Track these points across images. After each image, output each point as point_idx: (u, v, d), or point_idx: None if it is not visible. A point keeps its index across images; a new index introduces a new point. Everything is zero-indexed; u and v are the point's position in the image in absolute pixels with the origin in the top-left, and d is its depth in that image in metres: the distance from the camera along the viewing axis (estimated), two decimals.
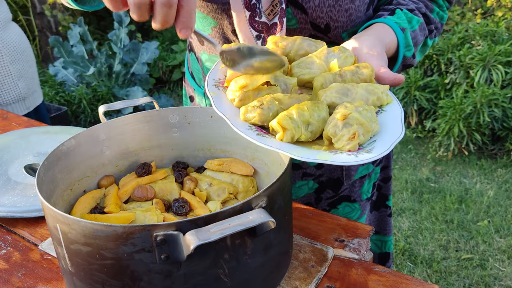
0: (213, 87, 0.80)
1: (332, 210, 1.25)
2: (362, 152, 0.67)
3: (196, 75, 1.22)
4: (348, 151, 0.68)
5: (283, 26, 0.94)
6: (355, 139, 0.67)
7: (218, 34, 1.04)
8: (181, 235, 0.60)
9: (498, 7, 4.05)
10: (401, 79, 0.80)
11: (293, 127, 0.70)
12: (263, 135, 0.72)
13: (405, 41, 0.94)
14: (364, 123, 0.69)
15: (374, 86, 0.78)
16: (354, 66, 0.81)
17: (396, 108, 0.77)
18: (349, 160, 0.65)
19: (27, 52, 2.05)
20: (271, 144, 0.68)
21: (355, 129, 0.68)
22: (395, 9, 0.97)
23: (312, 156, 0.66)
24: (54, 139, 1.28)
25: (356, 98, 0.75)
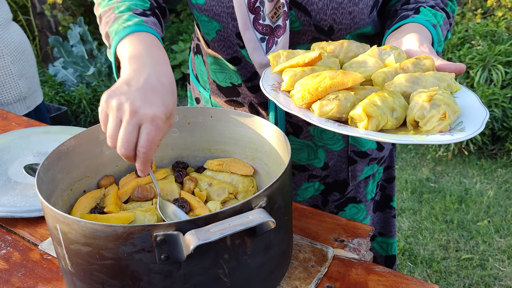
0: (272, 91, 0.79)
1: (340, 213, 1.25)
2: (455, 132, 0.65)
3: (201, 78, 1.22)
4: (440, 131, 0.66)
5: (286, 28, 0.94)
6: (446, 119, 0.66)
7: (223, 37, 1.04)
8: (181, 235, 0.60)
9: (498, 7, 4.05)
10: (463, 67, 0.80)
11: (379, 113, 0.68)
12: (344, 126, 0.70)
13: (438, 37, 0.94)
14: (451, 103, 0.67)
15: (442, 73, 0.76)
16: (414, 59, 0.79)
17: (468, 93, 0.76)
18: (445, 139, 0.63)
19: (28, 52, 2.05)
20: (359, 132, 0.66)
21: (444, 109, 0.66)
22: (418, 7, 0.97)
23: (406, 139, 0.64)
24: (54, 139, 1.28)
25: (427, 86, 0.73)
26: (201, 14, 1.02)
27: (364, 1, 0.95)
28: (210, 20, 1.02)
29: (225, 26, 1.01)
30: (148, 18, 0.89)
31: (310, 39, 1.00)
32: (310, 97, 0.73)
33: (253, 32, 0.97)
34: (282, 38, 0.96)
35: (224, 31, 1.02)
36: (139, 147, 0.70)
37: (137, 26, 0.84)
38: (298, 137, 1.11)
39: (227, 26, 1.01)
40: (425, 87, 0.74)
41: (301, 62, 0.81)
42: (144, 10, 0.91)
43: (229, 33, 1.02)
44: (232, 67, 1.08)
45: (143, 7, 0.92)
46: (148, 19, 0.88)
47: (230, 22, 0.99)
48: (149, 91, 0.72)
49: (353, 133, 0.66)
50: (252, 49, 0.99)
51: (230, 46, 1.05)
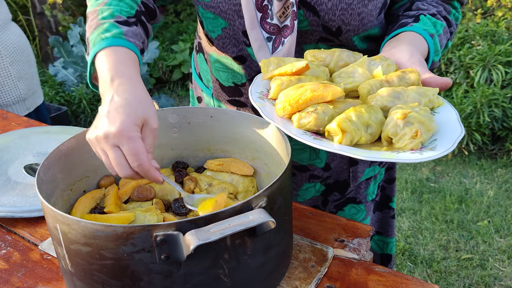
0: (258, 99, 0.81)
1: (339, 212, 1.25)
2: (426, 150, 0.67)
3: (204, 76, 1.22)
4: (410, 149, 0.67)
5: (294, 29, 0.94)
6: (418, 137, 0.67)
7: (228, 35, 1.04)
8: (181, 235, 0.60)
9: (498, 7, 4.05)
10: (449, 82, 0.80)
11: (353, 129, 0.69)
12: (320, 139, 0.71)
13: (434, 47, 0.94)
14: (425, 121, 0.69)
15: (425, 88, 0.77)
16: (400, 72, 0.81)
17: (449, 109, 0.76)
18: (414, 158, 0.65)
19: (27, 52, 2.04)
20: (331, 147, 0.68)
21: (416, 127, 0.67)
22: (418, 15, 0.96)
23: (375, 155, 0.66)
24: (54, 139, 1.28)
25: (408, 101, 0.75)
26: (206, 11, 1.02)
27: (373, 3, 0.95)
28: (216, 17, 1.01)
29: (231, 24, 1.01)
30: (129, 28, 0.90)
31: (317, 39, 1.00)
32: (290, 109, 0.75)
33: (260, 31, 0.97)
34: (289, 38, 0.95)
35: (230, 28, 1.02)
36: (131, 164, 0.74)
37: (114, 39, 0.86)
38: None
39: (233, 24, 1.00)
40: (406, 102, 0.75)
41: (288, 71, 0.82)
42: (127, 18, 0.91)
43: (235, 31, 1.02)
44: (236, 66, 1.08)
45: (127, 14, 0.92)
46: (129, 30, 0.89)
47: (236, 19, 0.99)
48: (113, 112, 0.75)
49: (326, 147, 0.68)
50: (257, 48, 0.99)
51: (236, 44, 1.04)
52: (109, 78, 0.80)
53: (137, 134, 0.74)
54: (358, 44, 1.02)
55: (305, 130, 0.74)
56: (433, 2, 1.02)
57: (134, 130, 0.74)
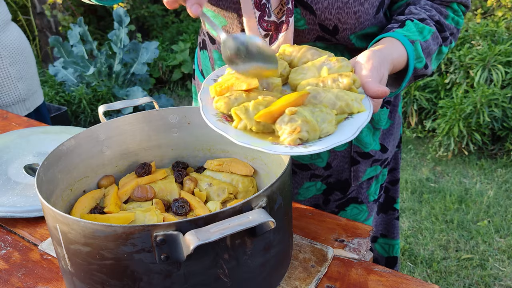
0: (211, 81, 0.86)
1: (341, 213, 1.25)
2: (298, 147, 0.69)
3: (207, 73, 1.23)
4: (288, 144, 0.70)
5: (289, 25, 0.94)
6: (295, 133, 0.70)
7: (228, 33, 1.04)
8: (181, 235, 0.60)
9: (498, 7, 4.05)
10: (385, 92, 0.79)
11: (246, 117, 0.74)
12: (223, 121, 0.76)
13: (415, 53, 0.93)
14: (311, 121, 0.71)
15: (345, 93, 0.78)
16: (337, 74, 0.82)
17: (363, 116, 0.77)
18: (280, 151, 0.68)
19: (27, 52, 2.04)
20: (221, 128, 0.73)
21: (298, 124, 0.70)
22: (405, 20, 0.96)
23: (248, 142, 0.70)
24: (54, 139, 1.28)
25: (323, 101, 0.77)
26: (207, 10, 1.03)
27: (370, 1, 0.94)
28: (216, 16, 1.02)
29: (231, 22, 1.01)
30: None
31: (315, 38, 1.00)
32: (214, 92, 0.81)
33: (258, 29, 0.97)
34: (283, 35, 0.96)
35: (230, 26, 1.02)
36: None
37: None
38: None
39: (232, 22, 1.01)
40: (321, 102, 0.77)
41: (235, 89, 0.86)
42: None
43: (234, 29, 1.02)
44: None
45: None
46: None
47: (236, 18, 1.00)
48: None
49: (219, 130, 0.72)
50: None
51: None
52: None
53: None
54: (356, 42, 1.02)
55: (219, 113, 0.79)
56: (426, 5, 1.00)
57: None
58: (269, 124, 0.75)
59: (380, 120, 1.17)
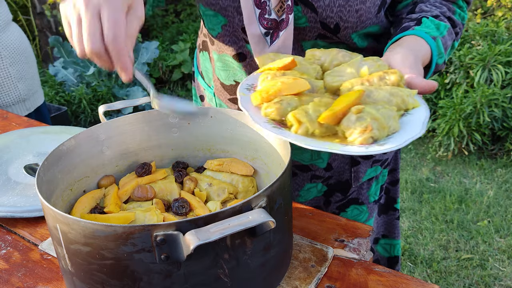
0: (244, 90, 0.83)
1: (341, 214, 1.25)
2: (373, 145, 0.67)
3: (206, 75, 1.22)
4: (360, 143, 0.68)
5: (289, 23, 0.94)
6: (367, 132, 0.68)
7: (228, 32, 1.04)
8: (181, 235, 0.60)
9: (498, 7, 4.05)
10: (433, 86, 0.79)
11: (307, 120, 0.71)
12: (279, 128, 0.73)
13: (438, 49, 0.93)
14: (379, 118, 0.69)
15: (399, 89, 0.77)
16: (382, 72, 0.81)
17: (421, 111, 0.77)
18: (358, 151, 0.66)
19: (27, 53, 2.04)
20: (284, 135, 0.70)
21: (368, 122, 0.68)
22: (421, 18, 0.96)
23: (321, 146, 0.67)
24: (54, 139, 1.28)
25: (378, 99, 0.75)
26: (206, 9, 1.02)
27: (371, 0, 0.94)
28: (216, 14, 1.02)
29: (231, 21, 1.01)
30: None
31: (316, 36, 1.00)
32: (261, 99, 0.77)
33: (258, 26, 0.97)
34: (283, 32, 0.95)
35: (229, 25, 1.02)
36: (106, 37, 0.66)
37: None
38: None
39: (232, 21, 1.01)
40: (376, 100, 0.76)
41: (276, 66, 0.84)
42: None
43: (235, 28, 1.02)
44: (237, 64, 1.08)
45: None
46: None
47: (236, 16, 0.99)
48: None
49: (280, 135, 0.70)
50: (255, 44, 0.99)
51: (236, 42, 1.05)
52: None
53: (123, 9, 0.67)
54: (358, 42, 1.02)
55: (271, 119, 0.76)
56: (436, 2, 1.01)
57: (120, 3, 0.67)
58: (332, 126, 0.72)
59: None
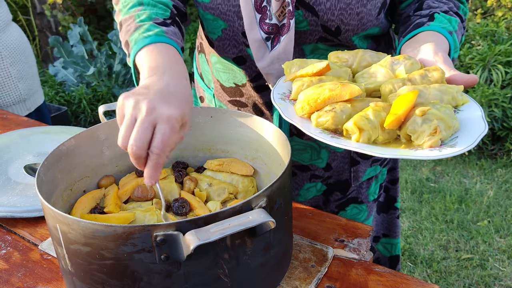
0: (279, 100, 0.81)
1: (341, 213, 1.24)
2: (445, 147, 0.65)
3: (206, 77, 1.22)
4: (429, 147, 0.66)
5: (290, 27, 0.94)
6: (437, 134, 0.66)
7: (228, 36, 1.04)
8: (181, 235, 0.60)
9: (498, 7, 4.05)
10: (475, 80, 0.78)
11: (369, 127, 0.69)
12: (337, 137, 0.71)
13: (454, 43, 0.93)
14: (444, 118, 0.67)
15: (447, 86, 0.76)
16: (423, 70, 0.79)
17: (474, 107, 0.75)
18: (432, 155, 0.63)
19: (27, 52, 2.04)
20: (349, 145, 0.67)
21: (435, 124, 0.66)
22: (432, 13, 0.95)
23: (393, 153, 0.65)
24: (54, 139, 1.28)
25: (429, 98, 0.74)
26: (206, 13, 1.02)
27: (372, 2, 0.94)
28: (216, 19, 1.02)
29: (231, 25, 1.01)
30: (168, 28, 0.89)
31: (317, 39, 1.00)
32: (309, 108, 0.75)
33: (259, 31, 0.97)
34: (285, 37, 0.95)
35: (229, 30, 1.02)
36: (152, 148, 0.68)
37: (157, 36, 0.84)
38: (302, 138, 1.11)
39: (233, 25, 1.00)
40: (427, 99, 0.74)
41: (310, 72, 0.82)
42: (164, 20, 0.91)
43: (235, 32, 1.02)
44: (236, 67, 1.08)
45: (163, 16, 0.91)
46: (169, 29, 0.88)
47: (236, 21, 0.99)
48: (167, 94, 0.71)
49: (344, 145, 0.67)
50: (256, 49, 0.99)
51: (236, 45, 1.04)
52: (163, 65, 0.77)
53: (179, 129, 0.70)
54: (358, 43, 1.02)
55: (323, 129, 0.73)
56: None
57: (179, 123, 0.70)
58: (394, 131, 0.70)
59: None
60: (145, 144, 0.68)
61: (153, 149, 0.68)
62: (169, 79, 0.75)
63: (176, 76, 0.77)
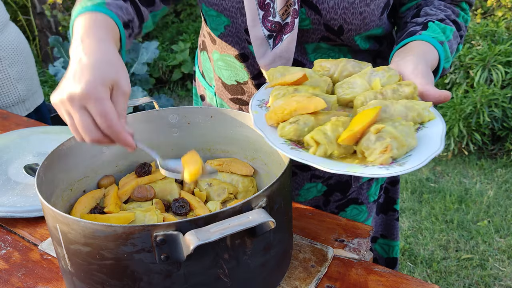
0: (256, 107, 0.82)
1: (341, 213, 1.24)
2: (394, 166, 0.66)
3: (207, 74, 1.22)
4: (380, 164, 0.67)
5: (294, 27, 0.94)
6: (388, 152, 0.67)
7: (231, 33, 1.04)
8: (181, 235, 0.60)
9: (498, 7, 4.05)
10: (447, 96, 0.79)
11: (326, 141, 0.70)
12: (297, 149, 0.72)
13: (445, 53, 0.93)
14: (398, 137, 0.69)
15: (414, 102, 0.76)
16: (396, 84, 0.80)
17: (437, 124, 0.75)
18: (379, 173, 0.65)
19: (26, 52, 2.03)
20: (303, 157, 0.69)
21: (388, 142, 0.67)
22: (427, 22, 0.95)
23: (342, 168, 0.66)
24: (54, 139, 1.28)
25: (394, 114, 0.75)
26: (209, 9, 1.02)
27: (376, 2, 0.94)
28: (219, 15, 1.01)
29: (234, 21, 1.01)
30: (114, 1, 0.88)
31: (319, 38, 0.99)
32: (276, 118, 0.76)
33: (261, 28, 0.97)
34: (288, 36, 0.95)
35: (232, 26, 1.02)
36: (100, 126, 0.70)
37: (94, 6, 0.84)
38: None
39: (236, 22, 1.00)
40: (392, 115, 0.75)
41: (287, 81, 0.83)
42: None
43: (238, 29, 1.02)
44: (239, 64, 1.08)
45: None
46: (114, 1, 0.88)
47: (239, 17, 0.99)
48: (79, 73, 0.72)
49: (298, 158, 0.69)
50: (258, 46, 0.98)
51: (238, 42, 1.04)
52: (79, 39, 0.77)
53: (105, 96, 0.71)
54: (360, 43, 1.02)
55: (287, 140, 0.75)
56: (441, 5, 1.00)
57: (102, 92, 0.70)
58: (350, 146, 0.71)
59: None
60: (92, 128, 0.71)
61: (101, 127, 0.70)
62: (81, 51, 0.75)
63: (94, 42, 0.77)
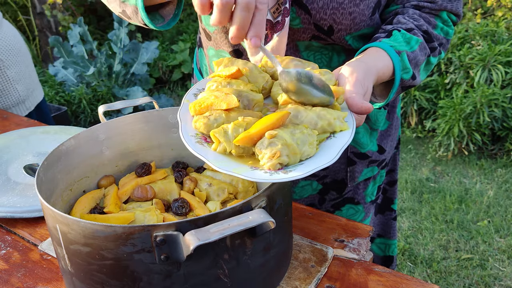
0: (192, 96, 0.84)
1: (336, 212, 1.24)
2: (279, 172, 0.68)
3: (204, 71, 1.23)
4: (268, 169, 0.69)
5: (284, 25, 0.94)
6: (275, 158, 0.68)
7: (225, 29, 1.04)
8: (181, 235, 0.60)
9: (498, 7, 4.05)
10: (368, 108, 0.78)
11: (224, 140, 0.72)
12: (202, 143, 0.75)
13: (402, 64, 0.92)
14: (291, 144, 0.70)
15: (328, 111, 0.77)
16: None
17: (345, 135, 0.75)
18: (260, 177, 0.66)
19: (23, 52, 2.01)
20: (200, 152, 0.71)
21: (278, 149, 0.69)
22: (392, 30, 0.95)
23: (228, 169, 0.68)
24: (54, 139, 1.28)
25: (304, 121, 0.76)
26: None
27: (365, 3, 0.94)
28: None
29: None
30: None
31: (310, 37, 1.00)
32: (193, 111, 0.78)
33: None
34: (278, 34, 0.95)
35: None
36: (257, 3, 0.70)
37: None
38: None
39: None
40: (302, 122, 0.76)
41: (222, 75, 0.84)
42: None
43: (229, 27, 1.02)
44: None
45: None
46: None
47: None
48: None
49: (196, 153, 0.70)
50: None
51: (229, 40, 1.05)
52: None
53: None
54: (352, 43, 1.02)
55: (199, 132, 0.77)
56: (415, 15, 0.99)
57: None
58: (250, 147, 0.73)
59: (377, 121, 1.17)
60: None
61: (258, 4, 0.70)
62: None
63: None
